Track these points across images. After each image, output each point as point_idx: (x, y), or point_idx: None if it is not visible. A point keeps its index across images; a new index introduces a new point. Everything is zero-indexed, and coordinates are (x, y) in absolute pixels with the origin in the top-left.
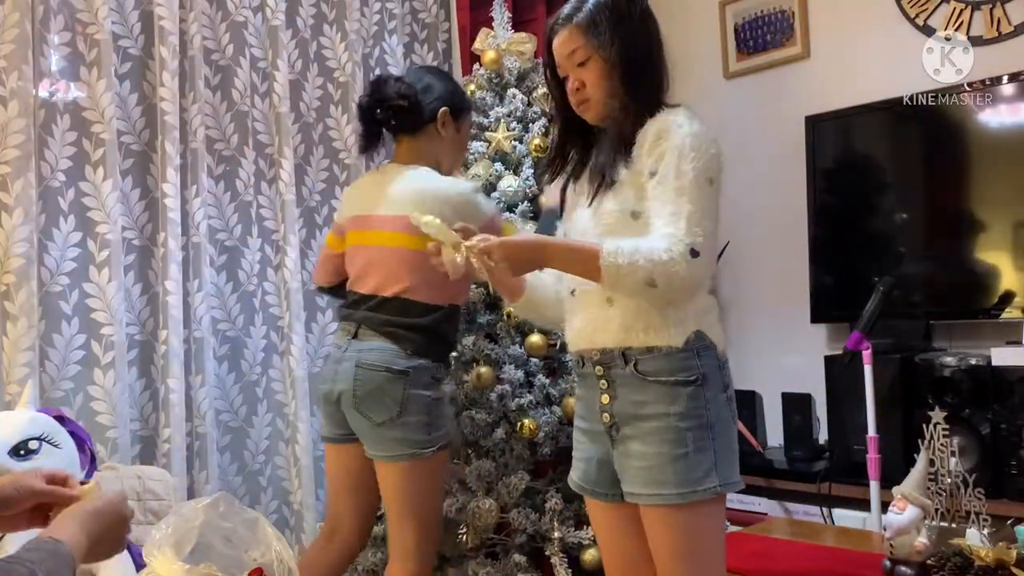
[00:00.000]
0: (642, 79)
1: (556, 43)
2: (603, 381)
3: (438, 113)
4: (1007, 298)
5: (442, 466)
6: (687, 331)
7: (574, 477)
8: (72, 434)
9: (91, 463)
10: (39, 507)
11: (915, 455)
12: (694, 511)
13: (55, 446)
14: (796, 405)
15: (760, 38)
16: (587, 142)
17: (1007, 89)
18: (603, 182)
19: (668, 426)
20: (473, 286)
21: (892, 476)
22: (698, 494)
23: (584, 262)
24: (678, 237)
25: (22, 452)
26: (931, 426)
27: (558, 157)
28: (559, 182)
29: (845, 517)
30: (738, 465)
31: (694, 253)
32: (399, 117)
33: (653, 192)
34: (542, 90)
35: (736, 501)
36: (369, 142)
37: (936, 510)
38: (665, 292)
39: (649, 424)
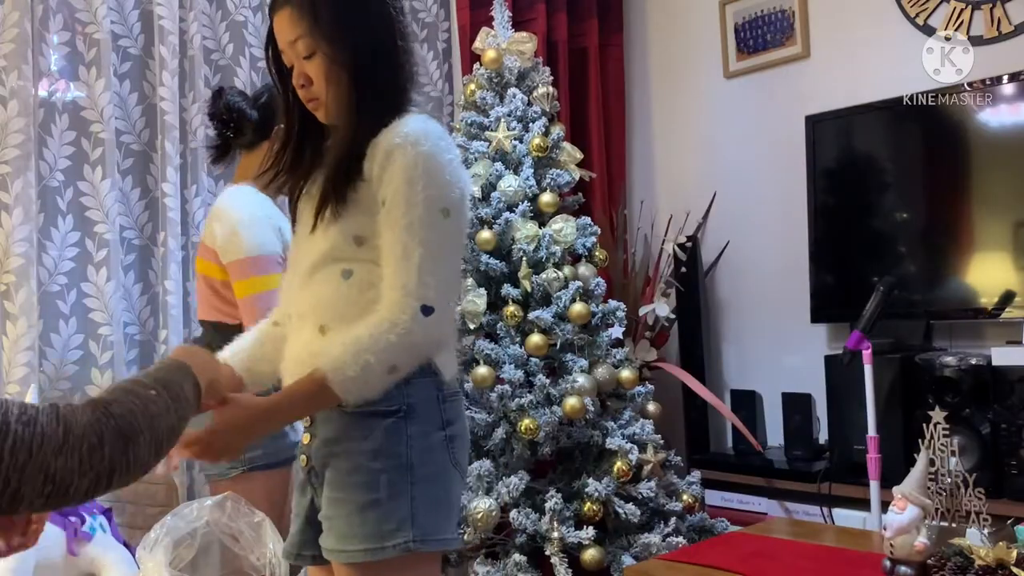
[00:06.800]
0: (376, 84)
1: (276, 25)
2: (307, 419)
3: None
4: (1007, 298)
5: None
6: None
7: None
8: None
9: None
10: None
11: (915, 455)
12: (381, 572)
13: None
14: (796, 405)
15: (760, 38)
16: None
17: (1007, 89)
18: (326, 201)
19: (358, 466)
20: None
21: (892, 476)
22: (386, 551)
23: (319, 400)
24: (404, 297)
25: None
26: (931, 426)
27: (295, 163)
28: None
29: (845, 517)
30: (454, 519)
31: (426, 311)
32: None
33: (383, 226)
34: (542, 89)
35: (736, 501)
36: (219, 154)
37: (936, 510)
38: (413, 365)
39: (341, 464)
